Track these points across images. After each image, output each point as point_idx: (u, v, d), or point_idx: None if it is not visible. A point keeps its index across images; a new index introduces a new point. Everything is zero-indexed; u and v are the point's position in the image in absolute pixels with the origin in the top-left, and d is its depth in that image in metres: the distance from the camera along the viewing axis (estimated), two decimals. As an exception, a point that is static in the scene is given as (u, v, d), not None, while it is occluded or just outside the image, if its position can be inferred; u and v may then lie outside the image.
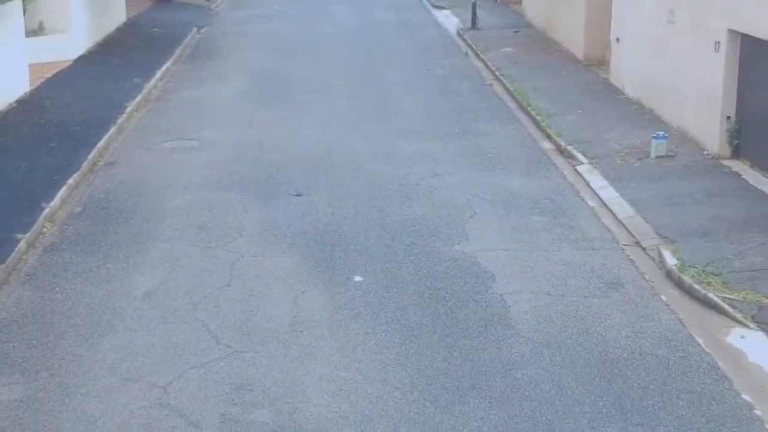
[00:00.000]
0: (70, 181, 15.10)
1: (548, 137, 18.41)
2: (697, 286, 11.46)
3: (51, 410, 8.92)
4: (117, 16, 29.57)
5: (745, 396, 9.29)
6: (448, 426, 8.71)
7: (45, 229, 13.40)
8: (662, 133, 16.76)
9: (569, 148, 17.32)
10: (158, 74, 23.27)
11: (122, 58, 24.96)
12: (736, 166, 15.84)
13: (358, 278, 11.84)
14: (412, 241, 13.08)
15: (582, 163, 16.61)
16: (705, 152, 16.59)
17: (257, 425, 8.67)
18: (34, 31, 23.40)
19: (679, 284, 11.74)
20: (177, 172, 16.11)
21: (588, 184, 15.66)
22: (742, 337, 10.49)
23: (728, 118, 16.12)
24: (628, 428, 8.69)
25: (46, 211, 13.80)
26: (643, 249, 12.94)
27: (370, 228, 13.56)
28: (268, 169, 16.31)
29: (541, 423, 8.77)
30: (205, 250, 12.70)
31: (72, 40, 24.24)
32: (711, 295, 11.24)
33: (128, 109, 19.67)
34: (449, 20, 33.64)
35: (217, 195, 14.95)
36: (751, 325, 10.63)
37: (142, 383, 9.37)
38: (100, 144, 17.18)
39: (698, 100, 17.03)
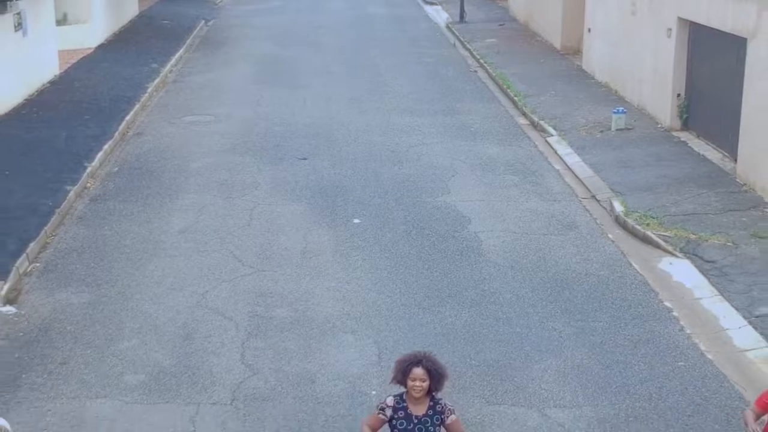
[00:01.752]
0: (106, 146, 17.41)
1: (524, 114, 20.76)
2: (637, 226, 13.83)
3: (114, 309, 11.25)
4: (130, 9, 31.87)
5: (666, 303, 11.65)
6: (429, 321, 11.05)
7: (89, 184, 15.71)
8: (621, 108, 19.14)
9: (541, 122, 19.67)
10: (173, 60, 25.57)
11: (138, 46, 27.25)
12: (685, 136, 18.20)
13: (356, 220, 14.18)
14: (402, 194, 15.41)
15: (552, 135, 18.95)
16: (659, 125, 18.96)
17: (278, 319, 11.01)
18: (59, 21, 25.60)
19: (624, 226, 14.10)
20: (197, 140, 18.44)
21: (556, 152, 18.01)
22: (670, 263, 12.84)
23: (678, 95, 18.49)
24: (571, 323, 11.04)
25: (89, 169, 16.11)
26: (598, 201, 15.29)
27: (367, 184, 15.88)
28: (277, 138, 18.63)
29: (502, 320, 11.11)
30: (227, 200, 15.03)
31: (93, 29, 26.57)
32: (648, 232, 13.60)
33: (149, 90, 21.99)
34: (439, 15, 35.93)
35: (234, 159, 17.26)
36: (679, 255, 12.97)
37: (184, 291, 11.71)
38: (128, 117, 19.49)
39: (653, 80, 19.41)
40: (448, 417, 6.82)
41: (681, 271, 12.60)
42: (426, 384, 6.74)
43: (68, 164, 16.24)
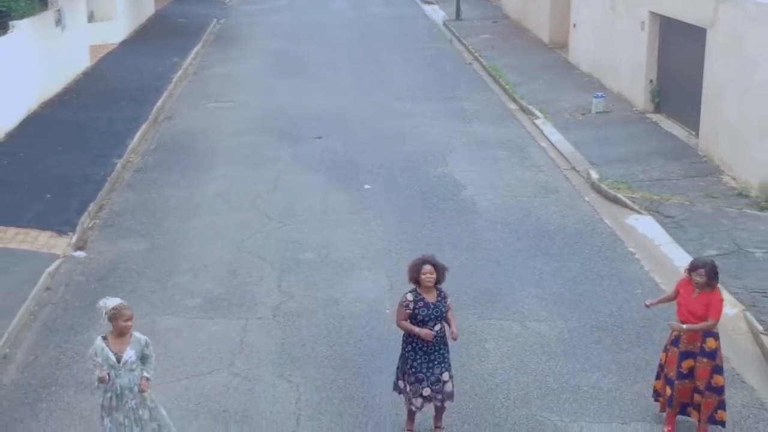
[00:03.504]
0: (142, 127, 19.65)
1: (514, 100, 23.00)
2: (609, 190, 16.07)
3: (167, 254, 13.47)
4: (148, 8, 34.13)
5: (630, 249, 13.86)
6: (431, 261, 13.24)
7: (131, 158, 17.94)
8: (600, 93, 21.39)
9: (530, 107, 21.91)
10: (192, 54, 27.82)
11: (159, 42, 29.49)
12: (656, 117, 20.44)
13: (367, 186, 16.41)
14: (406, 165, 17.63)
15: (538, 117, 21.18)
16: (634, 108, 21.20)
17: (306, 260, 13.24)
18: (87, 18, 27.82)
19: (599, 190, 16.33)
20: (222, 123, 20.67)
21: (542, 132, 20.24)
22: (636, 219, 15.05)
23: (651, 81, 20.74)
24: (549, 263, 13.25)
25: (130, 146, 18.35)
26: (577, 171, 17.51)
27: (375, 158, 18.10)
28: (293, 122, 20.85)
29: (492, 260, 13.34)
30: (254, 171, 17.26)
31: (117, 26, 28.85)
32: (619, 195, 15.83)
33: (174, 80, 24.23)
34: (437, 13, 38.15)
35: (256, 138, 19.48)
36: (644, 212, 15.18)
37: (225, 240, 13.94)
38: (158, 104, 21.72)
39: (630, 68, 21.66)
40: (448, 300, 9.11)
41: (644, 225, 14.81)
42: (434, 276, 8.96)
43: (112, 141, 18.46)
